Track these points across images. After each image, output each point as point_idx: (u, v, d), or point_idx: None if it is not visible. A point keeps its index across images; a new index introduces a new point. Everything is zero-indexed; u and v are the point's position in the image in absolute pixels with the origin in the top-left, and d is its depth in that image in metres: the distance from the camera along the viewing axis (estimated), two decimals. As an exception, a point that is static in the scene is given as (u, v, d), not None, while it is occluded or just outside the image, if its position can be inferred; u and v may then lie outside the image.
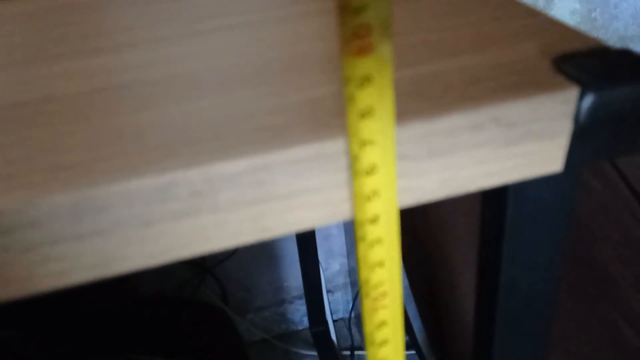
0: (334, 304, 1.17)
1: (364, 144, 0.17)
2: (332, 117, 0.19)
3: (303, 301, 1.12)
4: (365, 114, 0.17)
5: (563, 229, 0.23)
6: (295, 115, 0.19)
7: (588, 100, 0.19)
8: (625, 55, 0.21)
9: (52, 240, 0.17)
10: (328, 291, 1.14)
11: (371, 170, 0.18)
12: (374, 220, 0.19)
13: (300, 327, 1.16)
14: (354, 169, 0.18)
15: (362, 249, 0.20)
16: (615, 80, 0.19)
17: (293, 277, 1.09)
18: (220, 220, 0.18)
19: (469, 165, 0.20)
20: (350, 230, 1.03)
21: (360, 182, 0.18)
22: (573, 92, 0.19)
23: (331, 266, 1.11)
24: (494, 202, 0.23)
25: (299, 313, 1.14)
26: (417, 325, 0.89)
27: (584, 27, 0.96)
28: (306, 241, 0.91)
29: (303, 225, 0.19)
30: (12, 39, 0.29)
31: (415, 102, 0.19)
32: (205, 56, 0.25)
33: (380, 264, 0.20)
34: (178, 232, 0.18)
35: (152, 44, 0.26)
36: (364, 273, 0.20)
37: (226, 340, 0.75)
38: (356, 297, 1.11)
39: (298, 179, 0.18)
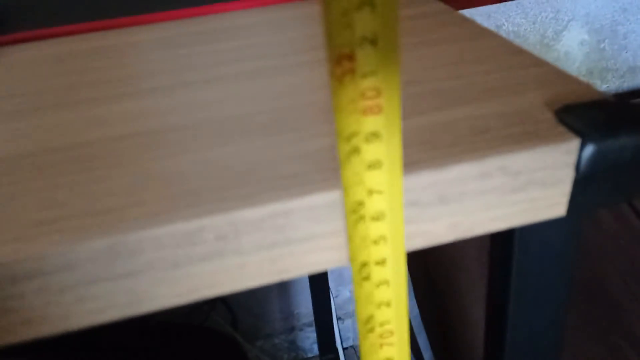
0: (344, 332, 1.17)
1: (371, 192, 0.18)
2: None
3: (313, 328, 1.12)
4: (372, 166, 0.18)
5: (568, 268, 0.24)
6: (312, 163, 0.21)
7: (588, 150, 0.21)
8: (624, 107, 0.22)
9: (88, 281, 0.18)
10: (338, 318, 1.14)
11: (377, 217, 0.19)
12: (381, 262, 0.20)
13: (310, 355, 1.15)
14: (358, 214, 0.19)
15: (366, 287, 0.21)
16: (615, 132, 0.21)
17: (303, 304, 1.09)
18: (243, 262, 0.19)
19: (477, 211, 0.21)
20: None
21: (366, 225, 0.19)
22: (574, 143, 0.20)
23: (342, 293, 1.12)
24: (501, 244, 0.24)
25: (309, 340, 1.14)
26: (427, 355, 0.89)
27: (593, 58, 0.97)
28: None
29: (318, 267, 0.20)
30: (44, 82, 0.31)
31: (426, 151, 0.21)
32: (229, 101, 0.26)
33: (387, 303, 0.21)
34: (204, 274, 0.19)
35: (178, 89, 0.28)
36: (367, 310, 0.21)
37: (236, 367, 0.75)
38: (366, 325, 1.11)
39: (315, 223, 0.19)
